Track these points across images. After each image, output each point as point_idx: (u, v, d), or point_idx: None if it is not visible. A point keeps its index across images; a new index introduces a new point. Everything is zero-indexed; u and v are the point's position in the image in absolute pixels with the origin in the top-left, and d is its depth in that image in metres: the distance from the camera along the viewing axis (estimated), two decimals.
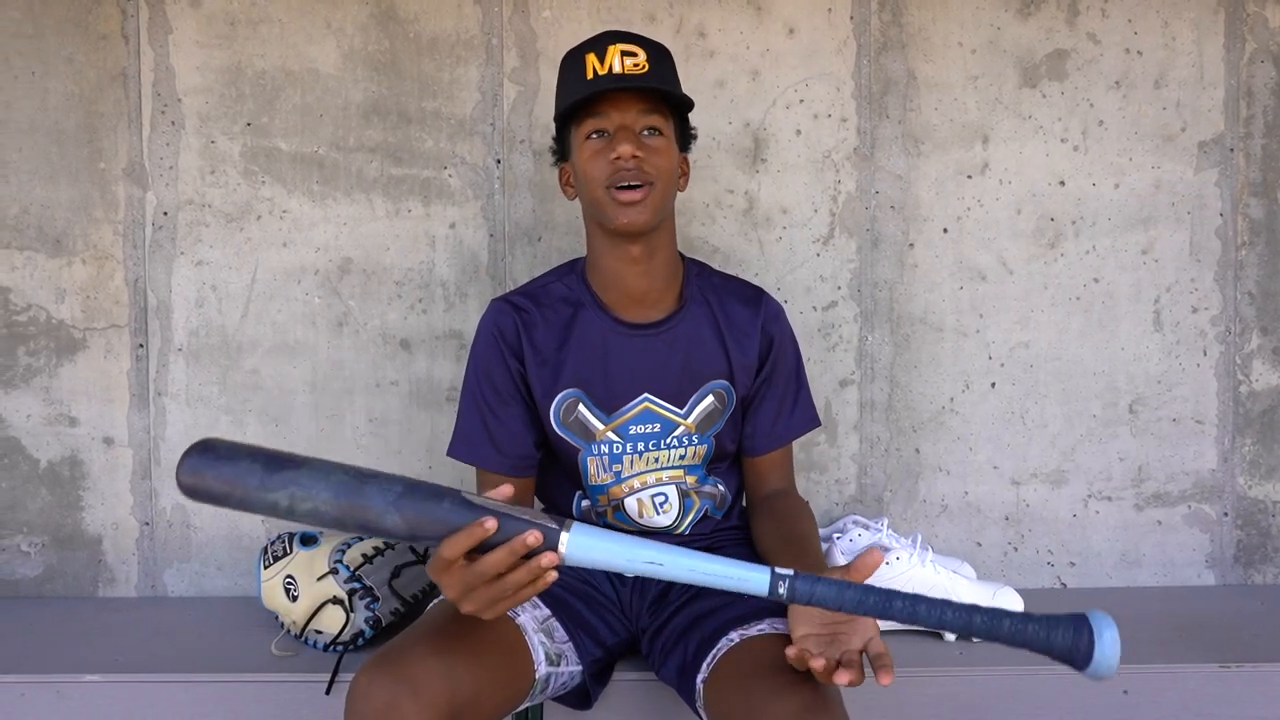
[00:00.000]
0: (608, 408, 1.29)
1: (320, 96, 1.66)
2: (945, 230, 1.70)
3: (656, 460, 1.31)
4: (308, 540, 1.50)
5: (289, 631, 1.46)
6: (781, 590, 0.88)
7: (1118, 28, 1.68)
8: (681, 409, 1.30)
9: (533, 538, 0.89)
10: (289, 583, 1.45)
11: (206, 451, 0.90)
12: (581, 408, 1.29)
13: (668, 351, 1.30)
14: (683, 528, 1.33)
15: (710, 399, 1.31)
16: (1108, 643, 0.86)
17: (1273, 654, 1.41)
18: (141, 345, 1.68)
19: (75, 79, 1.66)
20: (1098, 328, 1.71)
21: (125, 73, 1.66)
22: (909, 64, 1.68)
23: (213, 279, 1.68)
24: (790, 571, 0.90)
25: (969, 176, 1.69)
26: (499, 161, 1.68)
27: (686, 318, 1.32)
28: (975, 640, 0.88)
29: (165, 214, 1.67)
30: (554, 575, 0.92)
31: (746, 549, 1.36)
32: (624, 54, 1.22)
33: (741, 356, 1.32)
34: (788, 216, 1.69)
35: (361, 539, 1.50)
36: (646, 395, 1.29)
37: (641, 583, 1.32)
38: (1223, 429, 1.72)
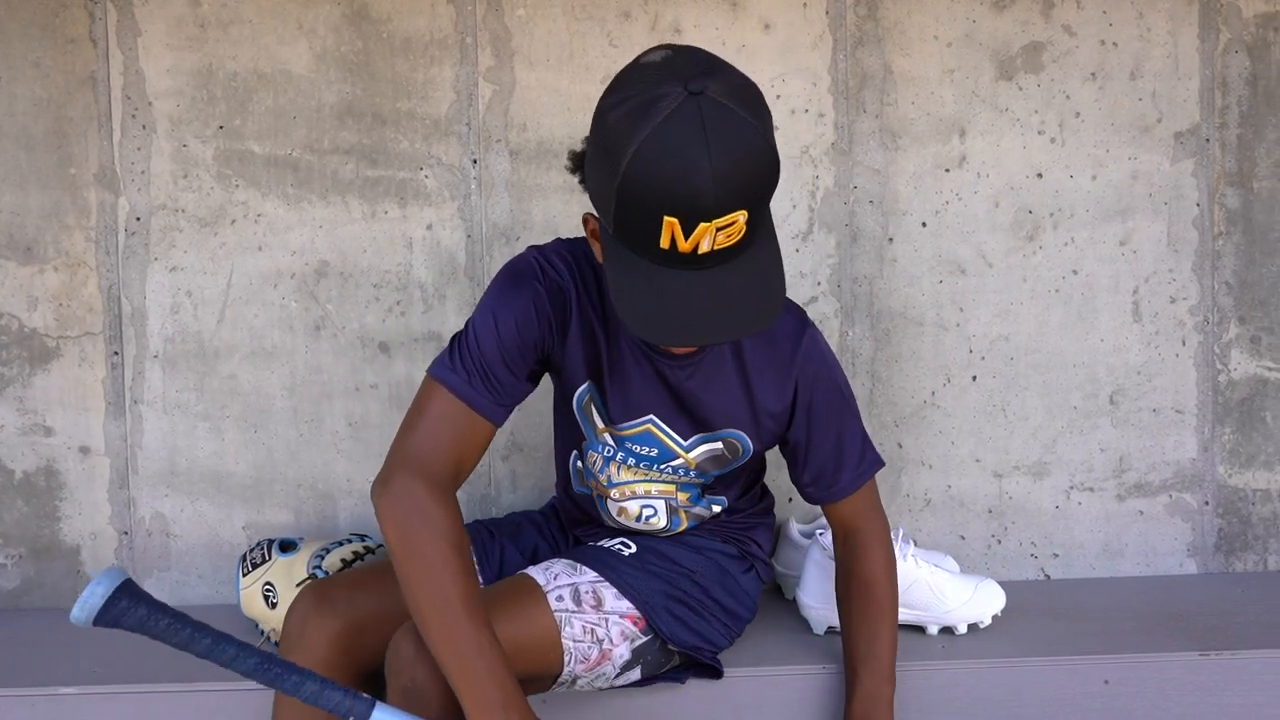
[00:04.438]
0: (612, 417, 1.24)
1: (293, 98, 1.65)
2: (924, 224, 1.70)
3: (647, 475, 1.27)
4: (286, 547, 1.49)
5: (269, 638, 1.46)
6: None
7: (1093, 19, 1.68)
8: (685, 441, 1.24)
9: None
10: (268, 590, 1.44)
11: None
12: (592, 404, 1.24)
13: (681, 385, 1.20)
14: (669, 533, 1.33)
15: (719, 445, 1.24)
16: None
17: (1252, 641, 1.42)
18: (116, 353, 1.66)
19: (43, 83, 1.63)
20: (1077, 319, 1.71)
21: (94, 76, 1.64)
22: (885, 58, 1.68)
23: (187, 284, 1.66)
24: None
25: (947, 170, 1.69)
26: (475, 161, 1.66)
27: (709, 356, 1.19)
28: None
29: (138, 219, 1.65)
30: None
31: (716, 539, 1.35)
32: (719, 229, 0.94)
33: (768, 403, 1.21)
34: None
35: (341, 544, 1.49)
36: (652, 417, 1.22)
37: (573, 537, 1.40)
38: (1202, 418, 1.73)
